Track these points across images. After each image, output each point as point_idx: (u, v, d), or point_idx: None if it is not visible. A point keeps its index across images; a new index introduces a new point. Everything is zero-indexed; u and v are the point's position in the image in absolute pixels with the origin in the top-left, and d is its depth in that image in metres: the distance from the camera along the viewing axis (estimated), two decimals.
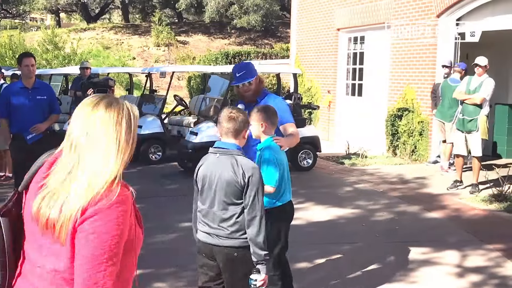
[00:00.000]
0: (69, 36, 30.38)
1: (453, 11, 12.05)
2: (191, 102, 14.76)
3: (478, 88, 9.28)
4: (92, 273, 1.98)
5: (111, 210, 2.05)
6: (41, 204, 2.06)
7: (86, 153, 2.09)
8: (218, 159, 3.82)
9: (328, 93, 16.13)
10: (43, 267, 2.09)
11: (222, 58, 24.18)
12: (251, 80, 5.11)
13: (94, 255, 1.99)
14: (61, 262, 2.06)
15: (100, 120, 2.11)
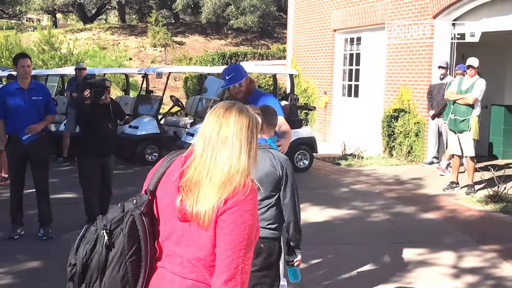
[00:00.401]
0: (65, 36, 30.33)
1: (449, 12, 12.07)
2: (188, 103, 14.75)
3: (470, 89, 9.32)
4: (233, 258, 2.27)
5: (247, 202, 2.32)
6: (185, 198, 2.33)
7: (220, 150, 2.37)
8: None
9: (325, 94, 16.14)
10: (183, 256, 2.37)
11: (219, 58, 24.17)
12: (241, 81, 5.17)
13: (235, 242, 2.27)
14: (201, 251, 2.33)
15: (233, 123, 2.40)
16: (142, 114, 13.03)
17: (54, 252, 6.63)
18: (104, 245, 2.39)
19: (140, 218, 2.42)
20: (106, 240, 2.40)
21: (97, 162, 7.36)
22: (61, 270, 5.97)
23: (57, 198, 8.11)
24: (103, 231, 2.41)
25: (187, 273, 2.38)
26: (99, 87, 7.36)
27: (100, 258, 2.41)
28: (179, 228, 2.38)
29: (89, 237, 2.46)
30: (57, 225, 7.29)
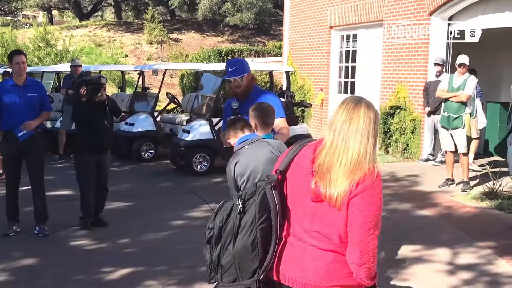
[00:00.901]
0: (61, 33, 30.24)
1: (445, 10, 12.07)
2: (184, 100, 14.74)
3: (462, 86, 9.34)
4: (365, 236, 2.63)
5: (375, 186, 2.66)
6: (318, 181, 2.70)
7: (350, 140, 2.70)
8: (249, 149, 4.06)
9: (321, 91, 16.14)
10: (320, 232, 2.73)
11: (215, 55, 24.13)
12: (243, 75, 5.13)
13: (365, 222, 2.63)
14: (336, 228, 2.69)
15: (362, 116, 2.74)
16: (138, 111, 13.03)
17: (50, 250, 6.64)
18: (238, 212, 2.81)
19: (270, 191, 2.81)
20: (240, 208, 2.81)
21: (93, 159, 7.35)
22: (57, 267, 6.00)
23: (53, 195, 8.11)
24: (239, 200, 2.83)
25: (326, 246, 2.75)
26: (95, 84, 7.35)
27: (234, 223, 2.81)
28: (312, 207, 2.76)
29: (226, 207, 2.89)
30: (53, 222, 7.29)
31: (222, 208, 2.91)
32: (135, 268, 5.99)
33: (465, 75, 9.48)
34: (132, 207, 8.70)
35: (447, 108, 9.48)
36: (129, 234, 7.21)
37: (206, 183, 10.47)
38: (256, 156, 4.03)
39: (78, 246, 6.77)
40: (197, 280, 5.60)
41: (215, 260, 2.92)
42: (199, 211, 8.42)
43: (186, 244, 6.85)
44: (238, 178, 4.07)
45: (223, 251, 2.88)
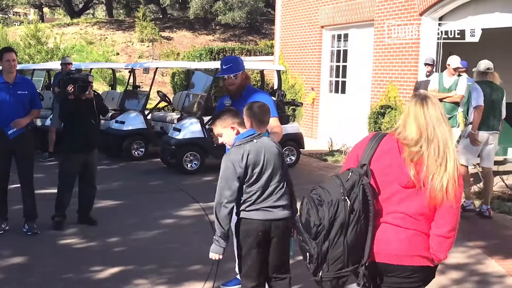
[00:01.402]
0: (52, 31, 30.14)
1: (436, 10, 12.12)
2: (175, 98, 14.71)
3: (454, 86, 9.34)
4: (454, 215, 3.18)
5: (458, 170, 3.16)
6: (411, 169, 3.10)
7: (436, 130, 3.12)
8: (258, 143, 4.14)
9: (312, 90, 16.16)
10: (405, 213, 3.15)
11: (207, 54, 24.10)
12: (237, 74, 5.14)
13: (457, 202, 3.16)
14: (426, 209, 3.13)
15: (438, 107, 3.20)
16: (129, 109, 12.99)
17: (39, 248, 6.61)
18: (348, 209, 3.06)
19: (368, 186, 3.12)
20: (349, 205, 3.06)
21: (80, 157, 7.31)
22: (46, 266, 5.97)
23: (42, 194, 8.06)
24: (346, 197, 3.08)
25: (408, 225, 3.16)
26: (83, 82, 7.30)
27: (345, 219, 3.06)
28: (401, 192, 3.15)
29: (330, 202, 3.08)
30: (42, 221, 7.26)
31: (323, 204, 3.10)
32: (125, 266, 5.98)
33: (456, 75, 9.50)
34: (122, 206, 8.67)
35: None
36: (118, 232, 7.19)
37: (197, 181, 10.45)
38: (268, 150, 4.15)
39: (67, 245, 6.75)
40: (186, 279, 5.59)
41: (323, 253, 3.11)
42: (189, 210, 8.41)
43: (175, 243, 6.84)
44: (250, 167, 4.07)
45: (332, 244, 3.09)
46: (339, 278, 3.19)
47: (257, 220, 4.12)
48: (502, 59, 11.59)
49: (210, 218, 7.86)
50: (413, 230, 3.17)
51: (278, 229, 4.16)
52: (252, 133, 4.20)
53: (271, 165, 4.11)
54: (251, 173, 4.07)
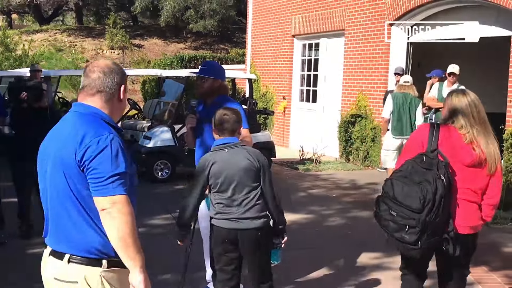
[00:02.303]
0: (20, 37, 29.73)
1: (406, 20, 12.27)
2: (145, 106, 14.62)
3: None
4: (500, 188, 4.04)
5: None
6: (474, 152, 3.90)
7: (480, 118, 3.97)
8: (229, 153, 4.20)
9: (283, 99, 16.22)
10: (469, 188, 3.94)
11: (178, 62, 24.04)
12: (205, 77, 5.16)
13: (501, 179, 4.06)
14: (483, 184, 3.97)
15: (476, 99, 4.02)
16: None
17: (7, 257, 6.49)
18: (445, 186, 3.67)
19: (448, 169, 3.77)
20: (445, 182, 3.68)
21: (28, 166, 7.04)
22: (15, 275, 5.86)
23: (10, 202, 7.94)
24: (441, 176, 3.69)
25: (471, 198, 3.96)
26: (37, 90, 7.04)
27: (443, 194, 3.66)
28: (466, 171, 3.91)
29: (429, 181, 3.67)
30: (10, 230, 7.15)
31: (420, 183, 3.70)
32: None
33: (455, 84, 9.60)
34: None
35: (437, 117, 9.52)
36: None
37: (167, 190, 10.39)
38: (235, 162, 4.16)
39: (36, 254, 6.63)
40: None
41: (427, 223, 3.66)
42: (160, 219, 8.35)
43: (146, 252, 6.73)
44: (212, 178, 4.16)
45: (434, 216, 3.66)
46: (431, 246, 3.84)
47: (223, 228, 4.23)
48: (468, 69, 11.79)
49: None
50: (475, 203, 3.98)
51: (246, 239, 4.23)
52: (227, 142, 4.23)
53: (235, 178, 4.15)
54: (215, 182, 4.17)
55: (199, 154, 5.18)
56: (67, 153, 2.68)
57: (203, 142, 5.15)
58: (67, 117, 2.87)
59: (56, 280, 2.74)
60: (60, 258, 2.72)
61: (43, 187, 2.87)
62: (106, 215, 2.64)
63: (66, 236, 2.72)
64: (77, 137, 2.68)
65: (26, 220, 7.19)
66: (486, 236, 7.70)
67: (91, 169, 2.63)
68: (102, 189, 2.63)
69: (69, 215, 2.71)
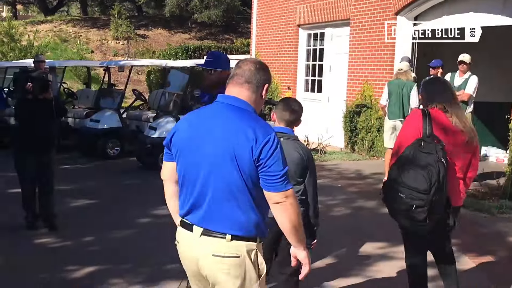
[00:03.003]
0: (25, 28, 29.74)
1: (411, 9, 12.21)
2: (150, 97, 14.63)
3: (463, 85, 9.39)
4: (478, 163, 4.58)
5: None
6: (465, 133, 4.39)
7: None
8: (283, 143, 4.08)
9: (288, 89, 16.19)
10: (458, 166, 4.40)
11: (182, 52, 24.03)
12: (213, 70, 5.12)
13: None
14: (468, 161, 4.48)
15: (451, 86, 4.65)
16: (104, 108, 12.89)
17: (14, 248, 6.53)
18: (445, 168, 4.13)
19: (444, 150, 4.19)
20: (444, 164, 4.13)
21: (33, 159, 7.06)
22: (21, 265, 5.89)
23: (16, 193, 7.97)
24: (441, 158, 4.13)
25: (459, 175, 4.42)
26: (42, 81, 7.06)
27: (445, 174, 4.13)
28: (455, 150, 4.33)
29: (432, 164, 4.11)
30: (16, 220, 7.19)
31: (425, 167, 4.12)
32: (101, 266, 5.94)
33: (467, 74, 9.54)
34: (97, 205, 8.61)
35: None
36: (94, 232, 7.14)
37: None
38: (287, 153, 4.07)
39: (42, 244, 6.68)
40: (162, 278, 5.57)
41: (434, 201, 4.10)
42: (165, 209, 8.30)
43: (152, 242, 6.81)
44: None
45: (439, 194, 4.11)
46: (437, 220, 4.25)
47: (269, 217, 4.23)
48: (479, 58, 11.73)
49: None
50: (461, 178, 4.45)
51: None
52: (284, 131, 4.30)
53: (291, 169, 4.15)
54: None
55: None
56: (242, 148, 2.93)
57: None
58: (218, 107, 3.13)
59: (215, 257, 3.02)
60: (222, 236, 3.00)
61: (194, 173, 3.09)
62: (280, 208, 2.98)
63: (229, 218, 3.01)
64: (250, 133, 2.94)
65: (30, 211, 7.20)
66: (491, 225, 7.72)
67: (267, 167, 2.94)
68: (277, 185, 2.96)
69: (237, 200, 2.99)
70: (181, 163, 3.18)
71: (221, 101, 3.14)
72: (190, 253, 3.13)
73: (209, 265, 3.05)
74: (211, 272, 3.06)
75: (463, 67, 9.56)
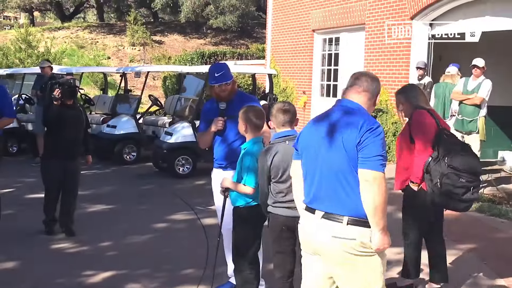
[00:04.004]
0: (43, 35, 30.04)
1: (427, 13, 12.17)
2: (166, 102, 14.69)
3: (476, 89, 9.37)
4: None
5: None
6: None
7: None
8: (290, 145, 4.24)
9: (303, 94, 16.19)
10: None
11: (198, 58, 24.13)
12: (230, 80, 5.15)
13: None
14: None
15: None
16: (121, 114, 12.97)
17: (31, 253, 6.57)
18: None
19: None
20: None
21: (60, 165, 7.09)
22: (38, 271, 5.93)
23: (33, 198, 8.04)
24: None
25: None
26: (70, 86, 7.10)
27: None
28: None
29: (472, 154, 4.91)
30: (35, 225, 7.24)
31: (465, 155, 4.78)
32: (117, 271, 5.96)
33: (480, 78, 9.52)
34: (114, 210, 8.66)
35: (461, 111, 9.52)
36: (110, 237, 7.18)
37: (189, 185, 10.45)
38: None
39: (60, 249, 6.72)
40: (178, 283, 5.59)
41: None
42: (182, 214, 8.40)
43: (168, 247, 6.84)
44: (273, 170, 4.30)
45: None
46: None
47: (282, 216, 4.35)
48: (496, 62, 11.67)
49: (202, 222, 7.86)
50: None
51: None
52: (287, 134, 4.38)
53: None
54: (276, 173, 4.29)
55: (222, 150, 5.19)
56: (349, 138, 3.33)
57: (226, 139, 5.16)
58: (335, 110, 3.61)
59: (334, 238, 3.35)
60: (339, 220, 3.36)
61: (313, 166, 3.52)
62: (369, 186, 3.27)
63: (343, 203, 3.37)
64: (357, 124, 3.35)
65: (50, 215, 7.25)
66: (506, 230, 7.66)
67: (364, 147, 3.29)
68: (369, 163, 3.27)
69: (349, 186, 3.35)
70: (304, 159, 3.60)
71: (339, 105, 3.62)
72: (311, 234, 3.48)
73: (328, 245, 3.39)
74: (330, 252, 3.41)
75: (476, 71, 9.53)
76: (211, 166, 5.46)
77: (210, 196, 5.67)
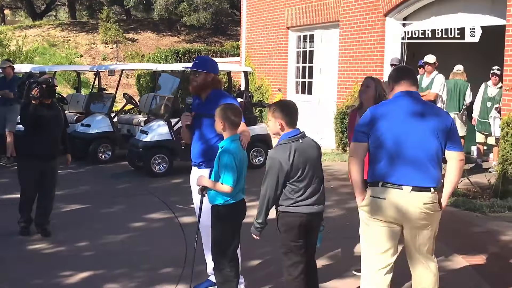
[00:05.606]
0: (14, 33, 29.64)
1: (400, 11, 12.28)
2: (141, 101, 14.61)
3: (430, 85, 9.51)
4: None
5: None
6: None
7: None
8: (303, 143, 4.46)
9: (279, 91, 16.22)
10: None
11: (172, 56, 23.99)
12: (198, 71, 5.16)
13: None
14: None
15: None
16: (95, 112, 12.86)
17: (7, 254, 6.50)
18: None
19: None
20: None
21: (38, 165, 7.02)
22: (15, 272, 5.85)
23: (6, 199, 7.95)
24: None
25: None
26: (48, 86, 7.03)
27: None
28: None
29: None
30: (9, 226, 7.16)
31: None
32: (95, 271, 5.92)
33: (433, 74, 9.68)
34: (90, 210, 8.59)
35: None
36: (87, 237, 7.12)
37: (165, 184, 10.41)
38: (311, 152, 4.49)
39: (36, 250, 6.66)
40: (157, 282, 5.57)
41: None
42: (158, 213, 8.37)
43: (145, 246, 6.81)
44: (295, 166, 4.33)
45: None
46: None
47: (305, 213, 4.43)
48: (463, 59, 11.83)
49: (179, 220, 7.84)
50: None
51: (315, 220, 4.56)
52: (298, 133, 4.48)
53: (313, 165, 4.43)
54: (296, 170, 4.32)
55: (197, 148, 5.19)
56: (444, 125, 4.21)
57: (202, 136, 5.16)
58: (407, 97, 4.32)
59: (425, 205, 4.19)
60: (428, 191, 4.18)
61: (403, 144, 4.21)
62: (461, 164, 4.28)
63: (432, 176, 4.19)
64: (445, 114, 4.43)
65: (26, 216, 7.17)
66: (483, 224, 7.77)
67: (454, 134, 4.26)
68: (460, 147, 4.29)
69: (438, 162, 4.21)
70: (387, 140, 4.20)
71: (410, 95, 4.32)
72: (399, 205, 4.19)
73: (419, 212, 4.21)
74: (421, 216, 4.25)
75: (428, 68, 9.74)
76: (187, 164, 5.45)
77: (187, 194, 5.66)
